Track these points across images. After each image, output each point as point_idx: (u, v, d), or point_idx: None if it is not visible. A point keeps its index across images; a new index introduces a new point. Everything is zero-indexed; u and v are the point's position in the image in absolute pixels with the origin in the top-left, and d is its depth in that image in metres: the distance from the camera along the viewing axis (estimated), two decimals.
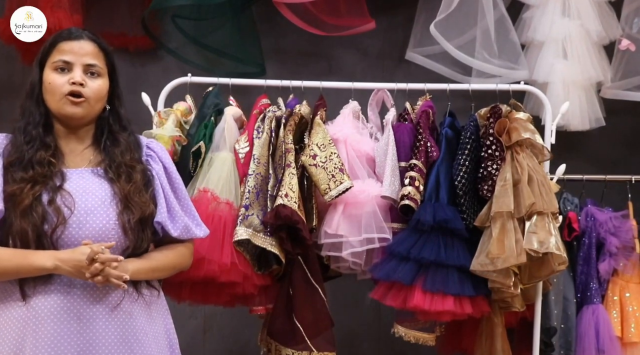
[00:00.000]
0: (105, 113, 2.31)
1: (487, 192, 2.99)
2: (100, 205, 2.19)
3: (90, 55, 2.26)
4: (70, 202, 2.16)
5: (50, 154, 2.21)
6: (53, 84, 2.23)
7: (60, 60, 2.24)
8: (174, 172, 2.39)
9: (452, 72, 3.54)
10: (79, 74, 2.22)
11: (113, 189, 2.22)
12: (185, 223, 2.33)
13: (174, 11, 3.59)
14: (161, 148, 2.42)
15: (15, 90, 3.80)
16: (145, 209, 2.23)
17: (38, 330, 2.12)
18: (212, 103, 3.08)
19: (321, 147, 2.96)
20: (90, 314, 2.15)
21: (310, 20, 3.49)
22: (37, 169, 2.18)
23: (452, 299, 2.94)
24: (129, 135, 2.33)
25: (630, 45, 3.48)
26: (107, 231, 2.19)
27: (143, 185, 2.27)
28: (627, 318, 3.30)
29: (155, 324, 2.28)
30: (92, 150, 2.30)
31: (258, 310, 3.12)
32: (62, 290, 2.15)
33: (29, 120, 2.25)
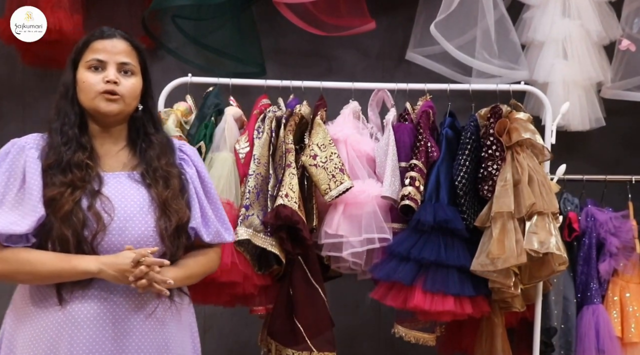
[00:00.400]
0: (138, 112, 2.29)
1: (488, 192, 2.99)
2: (139, 212, 2.18)
3: (124, 53, 2.25)
4: (109, 208, 2.15)
5: (87, 156, 2.20)
6: (87, 82, 2.21)
7: (93, 59, 2.23)
8: (207, 175, 2.37)
9: (453, 73, 3.54)
10: (112, 73, 2.21)
11: (150, 194, 2.21)
12: (217, 228, 2.32)
13: (174, 11, 3.59)
14: (194, 151, 2.40)
15: (15, 90, 3.83)
16: (183, 215, 2.22)
17: (74, 335, 2.11)
18: (213, 103, 3.08)
19: (321, 147, 2.96)
20: (126, 321, 2.14)
21: (310, 20, 3.49)
22: (76, 172, 2.16)
23: (452, 299, 2.94)
24: (162, 137, 2.32)
25: (630, 45, 3.48)
26: (146, 238, 2.17)
27: (179, 191, 2.25)
28: (627, 318, 3.30)
29: (183, 330, 2.27)
30: (127, 153, 2.28)
31: (258, 311, 3.12)
32: (99, 296, 2.13)
33: (65, 120, 2.23)
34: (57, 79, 3.75)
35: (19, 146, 2.22)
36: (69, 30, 3.35)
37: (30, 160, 2.18)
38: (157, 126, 2.33)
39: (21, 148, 2.21)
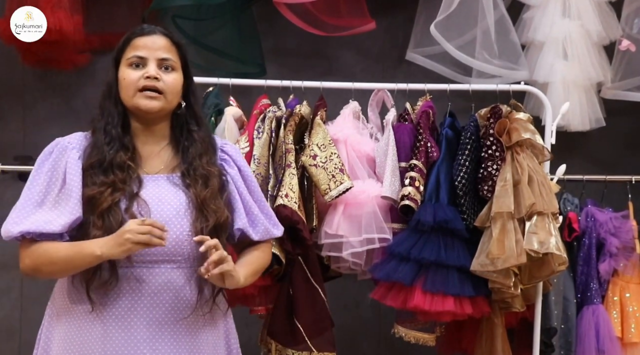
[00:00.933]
0: (181, 109, 2.27)
1: (487, 192, 2.99)
2: (175, 216, 2.16)
3: (164, 49, 2.22)
4: (146, 211, 2.13)
5: (129, 157, 2.18)
6: (128, 79, 2.19)
7: (134, 56, 2.20)
8: (249, 174, 2.34)
9: (453, 73, 3.54)
10: (153, 68, 2.19)
11: (188, 196, 2.19)
12: (264, 226, 2.29)
13: (174, 11, 3.59)
14: (236, 150, 2.37)
15: (16, 89, 3.83)
16: (220, 215, 2.18)
17: (106, 337, 2.11)
18: (213, 103, 3.08)
19: (321, 148, 2.96)
20: (159, 325, 2.13)
21: (310, 20, 3.49)
22: (118, 173, 2.15)
23: (452, 299, 2.95)
24: (205, 134, 2.29)
25: (630, 45, 3.48)
26: (181, 241, 2.15)
27: (218, 191, 2.22)
28: (628, 318, 3.30)
29: (218, 337, 2.25)
30: (169, 152, 2.26)
31: (258, 311, 3.12)
32: (130, 297, 2.12)
33: (108, 119, 2.21)
34: (57, 78, 3.80)
35: (62, 146, 2.21)
36: (69, 30, 3.34)
37: (72, 161, 2.17)
38: (200, 123, 2.30)
39: (64, 148, 2.20)
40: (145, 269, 2.14)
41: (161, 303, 2.14)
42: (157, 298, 2.13)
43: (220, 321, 2.25)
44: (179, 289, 2.15)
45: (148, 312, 2.13)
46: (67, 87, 3.80)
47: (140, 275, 2.13)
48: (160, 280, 2.14)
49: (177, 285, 2.15)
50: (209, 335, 2.21)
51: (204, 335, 2.20)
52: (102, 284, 2.11)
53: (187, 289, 2.16)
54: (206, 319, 2.20)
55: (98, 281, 2.11)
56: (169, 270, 2.15)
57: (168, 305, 2.14)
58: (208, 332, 2.21)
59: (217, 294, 2.21)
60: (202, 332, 2.19)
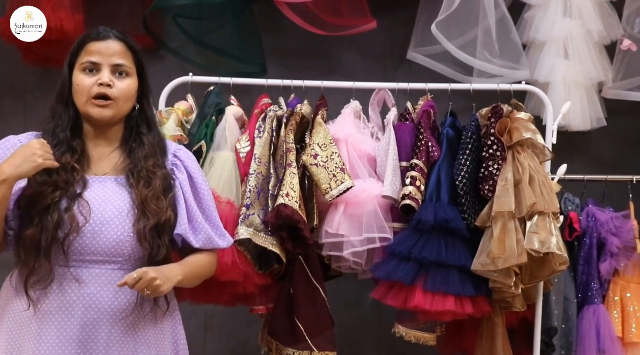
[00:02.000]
0: (134, 112, 2.28)
1: (488, 192, 2.98)
2: (117, 216, 2.17)
3: (118, 55, 2.23)
4: (86, 212, 2.14)
5: (76, 159, 2.20)
6: (81, 85, 2.20)
7: (88, 61, 2.22)
8: (200, 181, 2.33)
9: (454, 72, 3.53)
10: (106, 75, 2.20)
11: (132, 196, 2.20)
12: (207, 234, 2.29)
13: (176, 11, 3.59)
14: (189, 157, 2.38)
15: (17, 89, 3.83)
16: (162, 215, 2.19)
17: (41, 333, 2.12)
18: (214, 102, 3.08)
19: (322, 147, 2.96)
20: (95, 324, 2.14)
21: (311, 19, 3.49)
22: (62, 174, 2.16)
23: (453, 299, 2.94)
24: (154, 138, 2.30)
25: (631, 45, 3.48)
26: (122, 242, 2.16)
27: (162, 192, 2.23)
28: (628, 318, 3.30)
29: (162, 338, 2.24)
30: (119, 154, 2.27)
31: (259, 310, 3.12)
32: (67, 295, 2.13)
33: (58, 122, 2.23)
34: (58, 78, 3.78)
35: (12, 143, 2.24)
36: (70, 29, 3.35)
37: None
38: (151, 126, 2.31)
39: (13, 145, 2.23)
40: (85, 269, 2.15)
41: (100, 304, 2.14)
42: (96, 299, 2.14)
43: (165, 321, 2.25)
44: (118, 290, 2.15)
45: (86, 313, 2.13)
46: None
47: (80, 276, 2.14)
48: (100, 281, 2.15)
49: (116, 286, 2.14)
50: (152, 336, 2.21)
51: (145, 336, 2.20)
52: (39, 282, 2.12)
53: (126, 289, 2.15)
54: (148, 320, 2.20)
55: (35, 279, 2.12)
56: (109, 271, 2.16)
57: (107, 306, 2.14)
58: (150, 333, 2.21)
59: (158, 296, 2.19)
60: (143, 333, 2.19)
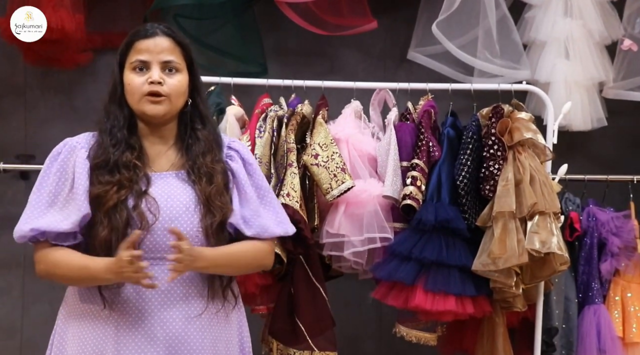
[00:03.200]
0: (187, 108, 2.26)
1: (489, 192, 2.99)
2: (185, 212, 2.16)
3: (167, 51, 2.21)
4: (155, 208, 2.13)
5: (136, 157, 2.18)
6: (132, 84, 2.19)
7: (137, 60, 2.20)
8: (255, 169, 2.32)
9: (454, 72, 3.54)
10: (156, 73, 2.18)
11: (195, 192, 2.19)
12: (260, 222, 2.25)
13: (176, 10, 3.59)
14: (243, 147, 2.37)
15: (17, 89, 3.83)
16: (227, 211, 2.19)
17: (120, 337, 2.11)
18: (214, 102, 3.08)
19: (323, 147, 2.96)
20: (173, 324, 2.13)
21: (312, 19, 3.49)
22: (124, 172, 2.15)
23: (453, 298, 2.95)
24: (209, 132, 2.28)
25: (632, 45, 3.48)
26: (192, 237, 2.15)
27: (224, 187, 2.22)
28: (629, 318, 3.30)
29: (231, 333, 2.24)
30: (176, 151, 2.26)
31: (260, 310, 3.12)
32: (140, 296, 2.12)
33: (114, 122, 2.21)
34: (58, 77, 3.80)
35: (70, 146, 2.22)
36: (71, 29, 3.34)
37: (80, 160, 2.18)
38: (205, 122, 2.29)
39: (72, 148, 2.21)
40: (158, 266, 2.14)
41: (174, 299, 2.14)
42: (169, 295, 2.14)
43: (232, 316, 2.25)
44: (190, 285, 2.16)
45: (161, 309, 2.13)
46: (68, 86, 3.80)
47: (153, 272, 2.12)
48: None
49: (187, 281, 2.15)
50: (223, 331, 2.21)
51: (218, 331, 2.20)
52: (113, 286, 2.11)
53: (198, 284, 2.16)
54: (219, 315, 2.20)
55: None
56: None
57: (181, 301, 2.14)
58: (222, 328, 2.21)
59: (226, 288, 2.21)
60: (216, 328, 2.19)
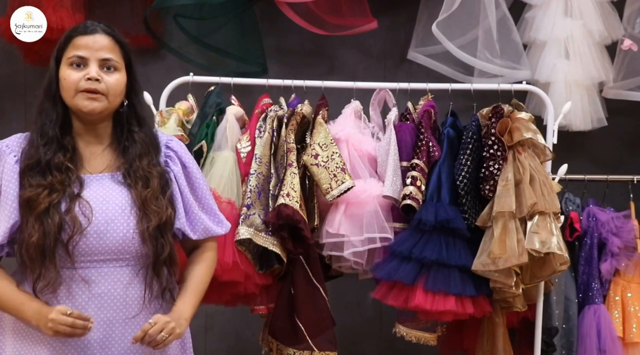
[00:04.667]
0: (123, 108, 2.24)
1: (489, 192, 2.98)
2: (120, 214, 2.15)
3: (106, 49, 2.19)
4: (88, 212, 2.12)
5: (68, 158, 2.16)
6: (68, 79, 2.16)
7: (75, 55, 2.17)
8: (194, 170, 2.33)
9: (454, 72, 3.54)
10: (94, 70, 2.16)
11: (131, 195, 2.17)
12: (204, 225, 2.29)
13: (176, 10, 3.59)
14: (181, 147, 2.36)
15: (17, 89, 3.83)
16: (163, 214, 2.18)
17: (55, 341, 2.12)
18: (214, 102, 3.08)
19: (323, 147, 2.96)
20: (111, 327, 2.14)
21: (312, 19, 3.49)
22: (56, 174, 2.13)
23: (453, 298, 2.94)
24: (145, 134, 2.27)
25: (632, 45, 3.48)
26: (127, 241, 2.15)
27: (160, 191, 2.21)
28: (629, 318, 3.30)
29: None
30: (112, 151, 2.25)
31: (259, 310, 3.12)
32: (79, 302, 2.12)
33: (46, 120, 2.18)
34: None
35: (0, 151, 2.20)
36: None
37: (8, 165, 2.16)
38: (142, 123, 2.28)
39: (1, 153, 2.19)
40: (93, 269, 2.13)
41: (111, 302, 2.14)
42: (107, 298, 2.13)
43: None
44: (127, 287, 2.16)
45: (99, 312, 2.12)
46: None
47: (88, 276, 2.12)
48: (109, 279, 2.14)
49: (124, 283, 2.15)
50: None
51: None
52: (47, 286, 2.09)
53: (135, 286, 2.16)
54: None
55: (43, 284, 2.09)
56: (116, 269, 2.15)
57: (118, 303, 2.14)
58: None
59: (164, 290, 2.21)
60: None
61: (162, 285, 2.20)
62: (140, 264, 2.17)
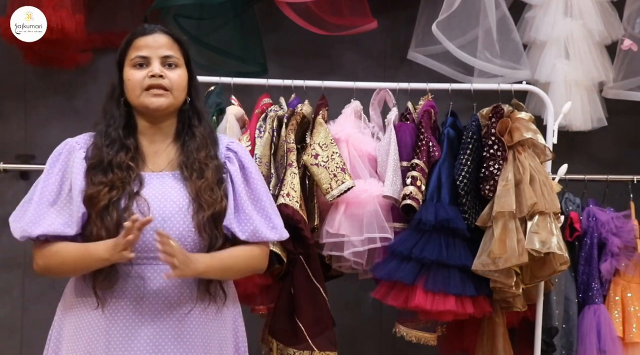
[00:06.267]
0: (186, 105, 2.28)
1: (489, 192, 2.98)
2: (177, 212, 2.17)
3: (166, 46, 2.24)
4: (145, 209, 2.15)
5: (130, 157, 2.20)
6: (133, 79, 2.21)
7: (137, 56, 2.22)
8: (253, 172, 2.32)
9: (454, 72, 3.54)
10: (157, 66, 2.21)
11: (188, 190, 2.20)
12: (254, 226, 2.26)
13: (176, 10, 3.59)
14: (242, 148, 2.37)
15: (17, 89, 3.83)
16: (217, 205, 2.20)
17: (110, 333, 2.13)
18: (214, 102, 3.08)
19: (323, 147, 2.96)
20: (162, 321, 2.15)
21: (312, 19, 3.49)
22: (117, 172, 2.17)
23: (453, 298, 2.95)
24: (205, 129, 2.30)
25: (632, 45, 3.48)
26: (184, 237, 2.17)
27: (215, 182, 2.23)
28: (629, 318, 3.30)
29: (225, 330, 2.26)
30: (174, 148, 2.28)
31: (259, 310, 3.12)
32: (134, 294, 2.14)
33: (110, 122, 2.24)
34: (59, 77, 3.80)
35: (70, 147, 2.25)
36: (71, 29, 3.35)
37: (77, 161, 2.21)
38: (201, 118, 2.31)
39: (72, 149, 2.24)
40: (149, 266, 2.16)
41: (165, 300, 2.16)
42: (162, 295, 2.15)
43: (226, 313, 2.27)
44: (181, 285, 2.17)
45: (152, 309, 2.15)
46: (68, 86, 3.80)
47: (144, 273, 2.15)
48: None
49: (179, 281, 2.16)
50: (215, 327, 2.23)
51: (210, 328, 2.21)
52: (104, 281, 2.14)
53: (190, 283, 2.18)
54: (211, 313, 2.22)
55: (103, 277, 2.14)
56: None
57: (173, 301, 2.16)
58: (214, 324, 2.22)
59: (215, 283, 2.22)
60: (209, 325, 2.21)
61: (213, 280, 2.21)
62: None
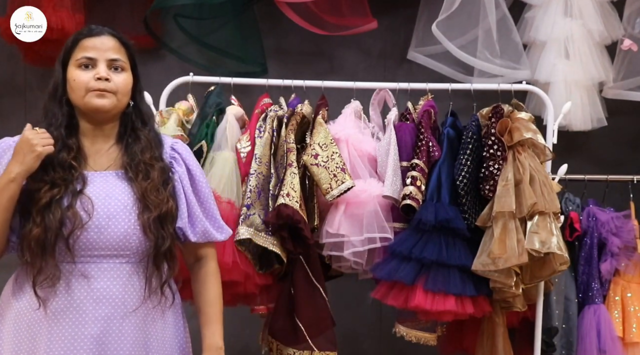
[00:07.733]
0: (129, 109, 2.29)
1: (489, 192, 2.98)
2: (122, 210, 2.18)
3: (113, 50, 2.25)
4: (89, 207, 2.15)
5: (72, 157, 2.20)
6: (78, 80, 2.21)
7: (83, 57, 2.23)
8: (198, 173, 2.35)
9: (454, 72, 3.54)
10: (103, 69, 2.22)
11: (133, 189, 2.21)
12: (204, 227, 2.31)
13: (176, 10, 3.59)
14: (186, 149, 2.39)
15: (18, 89, 3.83)
16: (163, 206, 2.21)
17: (52, 331, 2.13)
18: (214, 102, 3.08)
19: (323, 147, 2.96)
20: (107, 318, 2.15)
21: (312, 19, 3.49)
22: (58, 171, 2.17)
23: (453, 298, 2.94)
24: (149, 132, 2.31)
25: (632, 45, 3.48)
26: (129, 235, 2.18)
27: (161, 183, 2.24)
28: (629, 318, 3.30)
29: (168, 330, 2.27)
30: (117, 150, 2.28)
31: (259, 310, 3.12)
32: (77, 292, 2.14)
33: (52, 121, 2.24)
34: None
35: (7, 145, 2.26)
36: (71, 29, 3.35)
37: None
38: (146, 122, 2.32)
39: (8, 147, 2.24)
40: (93, 264, 2.16)
41: (110, 298, 2.16)
42: (106, 293, 2.15)
43: (168, 313, 2.27)
44: (126, 283, 2.18)
45: (96, 308, 2.14)
46: None
47: (87, 271, 2.15)
48: (109, 275, 2.16)
49: (124, 280, 2.17)
50: (158, 328, 2.24)
51: (152, 328, 2.22)
52: (46, 280, 2.12)
53: (135, 282, 2.19)
54: (155, 312, 2.22)
55: (42, 277, 2.13)
56: (116, 265, 2.17)
57: (117, 299, 2.16)
58: (157, 325, 2.23)
59: (164, 284, 2.23)
60: (151, 325, 2.22)
61: (162, 279, 2.23)
62: (141, 259, 2.20)
